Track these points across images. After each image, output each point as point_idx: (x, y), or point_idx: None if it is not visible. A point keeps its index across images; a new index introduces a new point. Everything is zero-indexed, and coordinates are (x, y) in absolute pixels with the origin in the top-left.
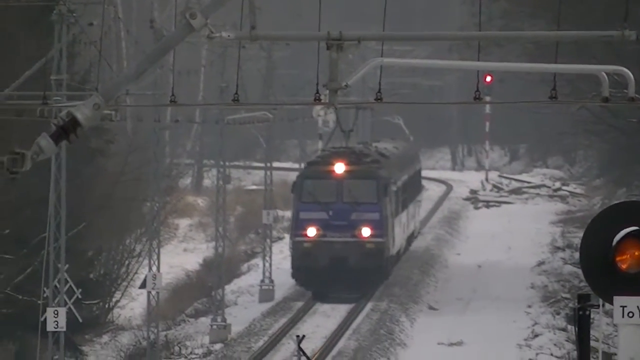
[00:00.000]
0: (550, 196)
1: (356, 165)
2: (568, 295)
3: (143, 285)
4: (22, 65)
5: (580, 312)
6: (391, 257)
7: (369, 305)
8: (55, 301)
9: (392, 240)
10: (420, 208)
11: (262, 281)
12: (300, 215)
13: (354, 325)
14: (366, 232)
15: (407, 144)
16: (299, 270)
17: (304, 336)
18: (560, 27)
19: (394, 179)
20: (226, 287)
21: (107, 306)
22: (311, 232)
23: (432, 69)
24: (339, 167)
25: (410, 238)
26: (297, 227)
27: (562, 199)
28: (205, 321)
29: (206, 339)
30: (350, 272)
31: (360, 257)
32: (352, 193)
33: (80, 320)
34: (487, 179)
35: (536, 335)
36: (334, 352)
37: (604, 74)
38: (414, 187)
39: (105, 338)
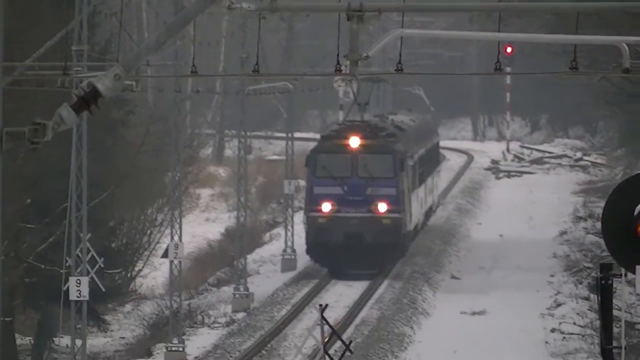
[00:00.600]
0: (572, 166)
1: (372, 139)
2: (590, 265)
3: (165, 255)
4: (43, 36)
5: (603, 282)
6: (408, 233)
7: (391, 275)
8: (78, 270)
9: (409, 215)
10: (438, 181)
11: (284, 250)
12: (314, 190)
13: (376, 294)
14: (382, 207)
15: (424, 116)
16: (313, 247)
17: (326, 305)
18: None
19: (411, 152)
20: (248, 256)
21: (129, 275)
22: (326, 207)
23: (453, 40)
24: (354, 141)
25: (429, 212)
26: (311, 202)
27: (584, 169)
28: (227, 290)
29: (229, 308)
30: (366, 249)
31: (377, 233)
32: (368, 167)
33: (103, 290)
34: (508, 149)
35: (559, 305)
36: (356, 321)
37: (625, 45)
38: (431, 161)
39: (128, 307)
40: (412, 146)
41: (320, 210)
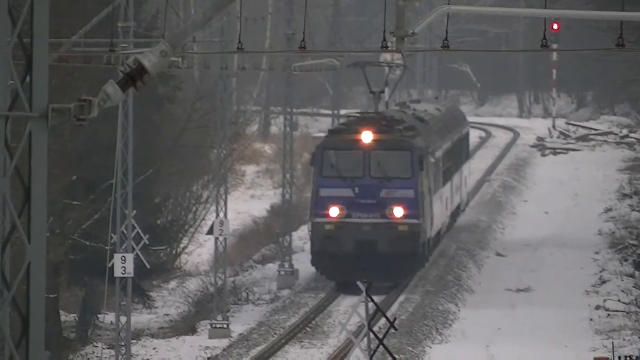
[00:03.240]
0: (618, 143)
1: (387, 133)
2: (636, 242)
3: (210, 232)
4: (89, 13)
5: None
6: (429, 240)
7: (437, 252)
8: (123, 247)
9: (430, 221)
10: (468, 178)
11: None
12: (321, 192)
13: (420, 272)
14: (399, 212)
15: (452, 104)
16: (320, 257)
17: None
18: None
19: (433, 148)
20: (294, 233)
21: (174, 252)
22: (334, 212)
23: (500, 16)
24: (367, 136)
25: (456, 213)
26: (317, 206)
27: (630, 146)
28: (272, 267)
29: (274, 285)
30: (380, 259)
31: (392, 241)
32: (382, 166)
33: (148, 267)
34: (554, 127)
35: (604, 282)
36: (401, 298)
37: None
38: (459, 155)
39: (173, 284)
40: (436, 140)
41: (328, 216)
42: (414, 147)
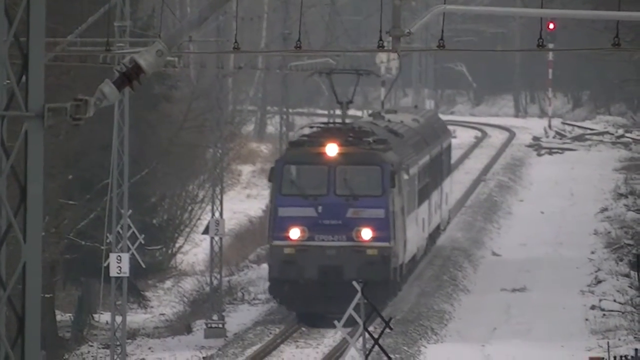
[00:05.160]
0: (613, 143)
1: (354, 146)
2: (631, 242)
3: (206, 231)
4: (85, 12)
5: None
6: (401, 266)
7: (432, 252)
8: (119, 247)
9: (403, 244)
10: (449, 194)
11: None
12: (280, 211)
13: (417, 271)
14: (367, 234)
15: (432, 114)
16: (278, 284)
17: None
18: None
19: (408, 163)
20: None
21: (170, 252)
22: (294, 234)
23: (495, 16)
24: (332, 149)
25: (435, 233)
26: (276, 227)
27: (625, 145)
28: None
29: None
30: (346, 287)
31: (360, 266)
32: (349, 183)
33: (144, 266)
34: (549, 126)
35: (599, 282)
36: (396, 298)
37: None
38: (438, 170)
39: (169, 284)
40: (411, 154)
41: (288, 238)
42: (385, 162)
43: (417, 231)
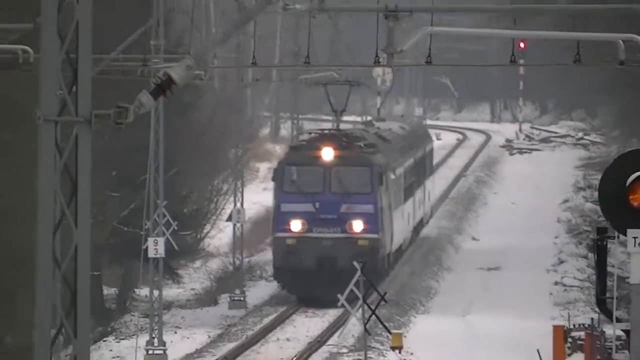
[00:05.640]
0: (574, 144)
1: (347, 150)
2: (589, 228)
3: (229, 219)
4: (125, 32)
5: (599, 243)
6: (389, 255)
7: (421, 237)
8: (155, 232)
9: (391, 235)
10: (432, 191)
11: None
12: (282, 207)
13: (407, 254)
14: (358, 226)
15: (416, 122)
16: (281, 271)
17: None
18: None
19: (394, 165)
20: None
21: (198, 236)
22: (295, 226)
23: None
24: (327, 152)
25: (419, 226)
26: (278, 221)
27: (584, 147)
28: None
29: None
30: (340, 274)
31: (352, 256)
32: (342, 182)
33: (177, 248)
34: (520, 130)
35: (561, 262)
36: (390, 276)
37: (620, 41)
38: (421, 171)
39: (198, 263)
40: (397, 157)
41: (289, 230)
42: (373, 163)
43: (403, 224)
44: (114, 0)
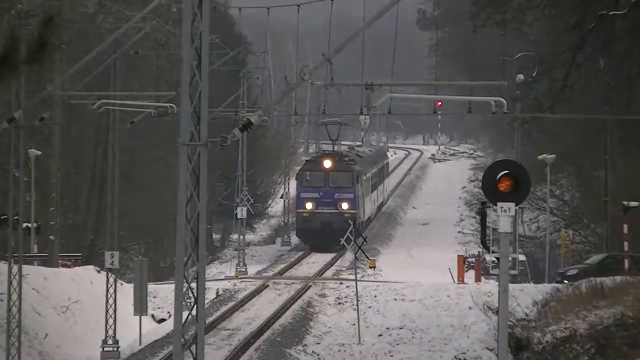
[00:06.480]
0: (468, 156)
1: (338, 162)
2: (477, 202)
3: (281, 197)
4: (226, 95)
5: (482, 209)
6: (362, 222)
7: (386, 206)
8: (241, 204)
9: (363, 211)
10: (388, 186)
11: None
12: (301, 195)
13: (374, 221)
14: (345, 206)
15: (380, 147)
16: (300, 232)
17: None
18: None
19: (365, 171)
20: None
21: (265, 206)
22: (309, 206)
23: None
24: (327, 164)
25: (381, 206)
26: (299, 204)
27: (474, 158)
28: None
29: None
30: (334, 233)
31: (341, 222)
32: (336, 181)
33: (252, 212)
34: (439, 149)
35: (462, 220)
36: (365, 232)
37: (493, 101)
38: (381, 175)
39: (264, 221)
40: (367, 167)
41: (305, 208)
42: (354, 170)
43: (371, 205)
44: (220, 79)
